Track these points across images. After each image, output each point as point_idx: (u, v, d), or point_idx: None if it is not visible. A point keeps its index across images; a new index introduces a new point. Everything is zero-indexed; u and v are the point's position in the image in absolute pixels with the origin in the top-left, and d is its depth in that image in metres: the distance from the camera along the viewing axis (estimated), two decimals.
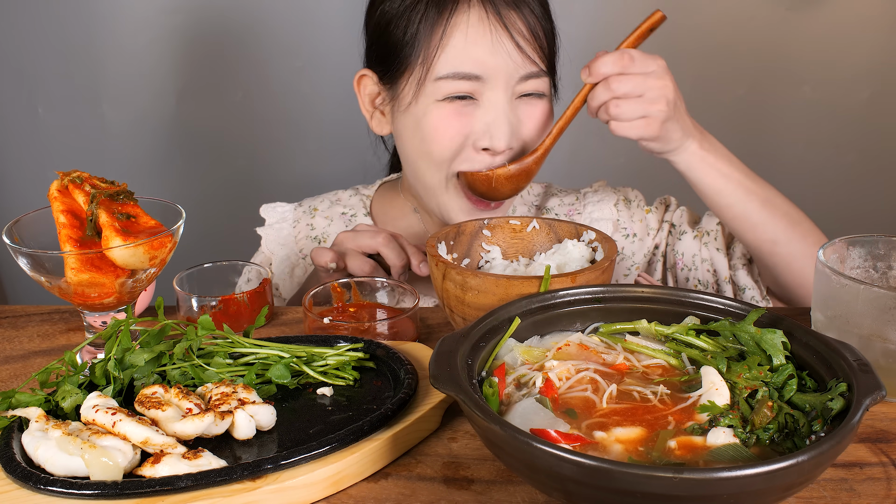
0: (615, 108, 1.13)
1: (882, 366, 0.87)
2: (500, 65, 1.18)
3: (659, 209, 1.44)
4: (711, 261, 1.35)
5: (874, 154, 2.30)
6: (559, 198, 1.47)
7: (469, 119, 1.20)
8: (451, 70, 1.18)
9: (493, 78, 1.18)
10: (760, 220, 1.21)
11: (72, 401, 0.83)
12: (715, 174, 1.20)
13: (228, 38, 2.18)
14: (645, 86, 1.13)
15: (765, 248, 1.24)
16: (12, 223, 0.95)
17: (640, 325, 0.88)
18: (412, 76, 1.21)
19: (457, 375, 0.73)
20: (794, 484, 0.63)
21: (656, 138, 1.15)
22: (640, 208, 1.44)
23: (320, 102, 2.24)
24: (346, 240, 1.21)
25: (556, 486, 0.65)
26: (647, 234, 1.42)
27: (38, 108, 2.24)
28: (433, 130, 1.21)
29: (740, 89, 2.24)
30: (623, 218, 1.42)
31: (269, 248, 1.47)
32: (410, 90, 1.22)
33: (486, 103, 1.19)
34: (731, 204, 1.21)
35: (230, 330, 0.92)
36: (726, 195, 1.20)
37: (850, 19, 2.17)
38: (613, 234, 1.42)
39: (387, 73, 1.26)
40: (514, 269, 1.09)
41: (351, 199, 1.48)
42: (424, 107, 1.21)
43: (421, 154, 1.25)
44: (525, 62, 1.19)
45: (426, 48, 1.18)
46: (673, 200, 1.45)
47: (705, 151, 1.19)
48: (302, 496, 0.75)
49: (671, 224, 1.42)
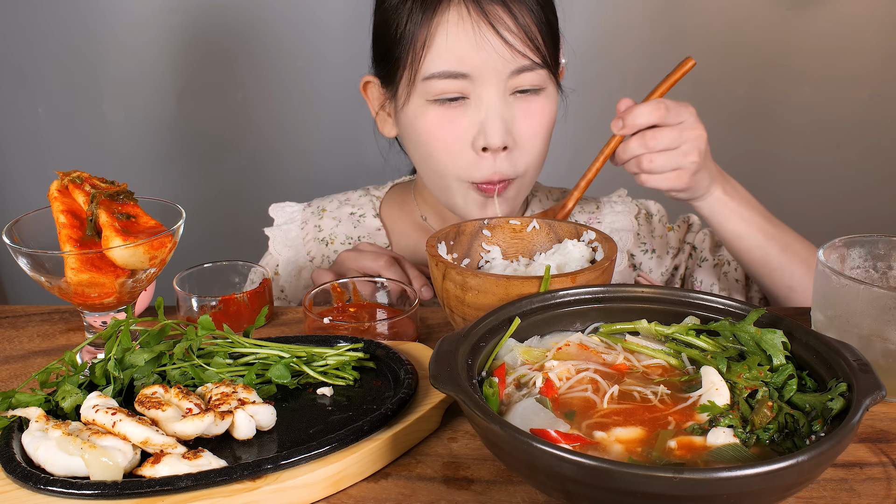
0: (649, 164, 1.12)
1: (882, 366, 0.87)
2: (486, 61, 1.16)
3: (681, 228, 1.43)
4: (729, 291, 1.35)
5: (874, 154, 2.30)
6: (579, 205, 1.45)
7: (462, 121, 1.19)
8: (438, 69, 1.17)
9: (481, 75, 1.17)
10: (779, 266, 1.21)
11: (72, 401, 0.83)
12: (737, 219, 1.19)
13: (229, 38, 2.18)
14: (680, 138, 1.11)
15: (781, 293, 1.23)
16: (12, 223, 0.95)
17: (640, 325, 0.88)
18: (404, 77, 1.21)
19: (457, 375, 0.73)
20: (794, 484, 0.63)
21: (686, 189, 1.15)
22: (662, 224, 1.43)
23: (321, 102, 2.24)
24: (348, 260, 1.21)
25: (556, 486, 0.65)
26: (667, 252, 1.41)
27: (38, 108, 2.23)
28: (426, 134, 1.21)
29: (740, 89, 2.24)
30: (643, 232, 1.41)
31: (276, 249, 1.45)
32: (404, 91, 1.22)
33: (476, 101, 1.18)
34: (751, 248, 1.21)
35: (230, 330, 0.92)
36: (747, 239, 1.20)
37: (850, 19, 2.17)
38: (633, 248, 1.41)
39: (385, 75, 1.26)
40: (514, 269, 1.09)
41: (360, 199, 1.47)
42: (416, 108, 1.21)
43: (423, 157, 1.25)
44: (514, 56, 1.17)
45: (414, 48, 1.18)
46: (695, 220, 1.44)
47: (728, 197, 1.19)
48: (302, 496, 0.75)
49: (692, 247, 1.41)
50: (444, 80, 1.17)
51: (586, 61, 2.15)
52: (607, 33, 2.17)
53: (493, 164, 1.20)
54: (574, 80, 2.06)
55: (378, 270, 1.18)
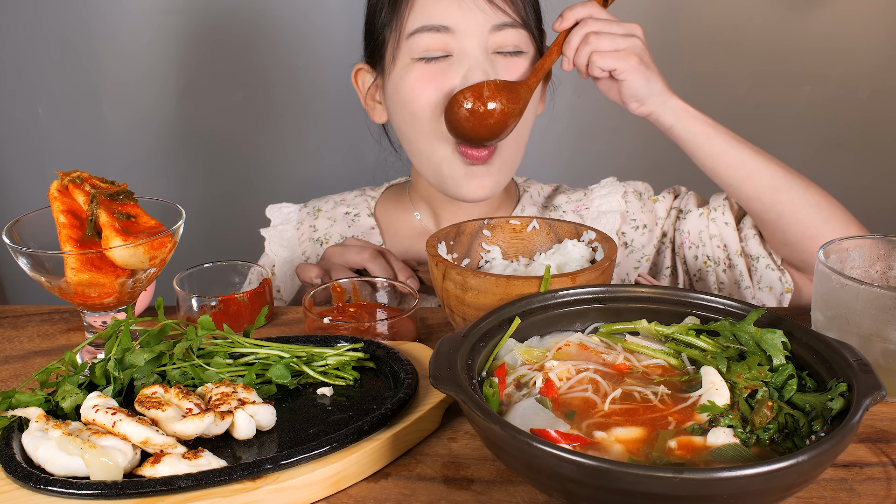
0: (595, 38, 1.17)
1: (882, 366, 0.87)
2: (468, 14, 1.21)
3: (667, 198, 1.42)
4: (720, 236, 1.32)
5: (874, 154, 2.30)
6: (567, 195, 1.46)
7: (446, 77, 1.22)
8: (421, 23, 1.21)
9: (464, 28, 1.21)
10: (756, 167, 1.20)
11: (72, 401, 0.83)
12: (702, 124, 1.20)
13: (229, 38, 2.18)
14: (617, 24, 1.18)
15: (766, 197, 1.20)
16: (12, 223, 0.95)
17: (640, 325, 0.88)
18: (390, 41, 1.25)
19: (457, 375, 0.73)
20: (794, 484, 0.63)
21: (637, 70, 1.17)
22: (650, 199, 1.43)
23: (322, 102, 2.24)
24: (333, 255, 1.22)
25: (556, 486, 0.65)
26: (656, 223, 1.41)
27: (38, 108, 2.23)
28: (410, 91, 1.24)
29: (740, 89, 2.24)
30: (633, 209, 1.41)
31: (272, 250, 1.47)
32: (390, 56, 1.25)
33: (459, 55, 1.22)
34: (723, 150, 1.20)
35: (230, 330, 0.92)
36: (717, 142, 1.20)
37: (850, 19, 2.17)
38: (622, 226, 1.40)
39: (372, 54, 1.30)
40: (514, 269, 1.09)
41: (356, 200, 1.48)
42: (401, 68, 1.24)
43: (407, 121, 1.27)
44: (494, 11, 1.22)
45: (398, 14, 1.23)
46: (682, 189, 1.43)
47: (688, 105, 1.21)
48: (302, 496, 0.75)
49: (679, 210, 1.40)
50: (428, 34, 1.21)
51: None
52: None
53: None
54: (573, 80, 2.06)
55: (362, 263, 1.19)
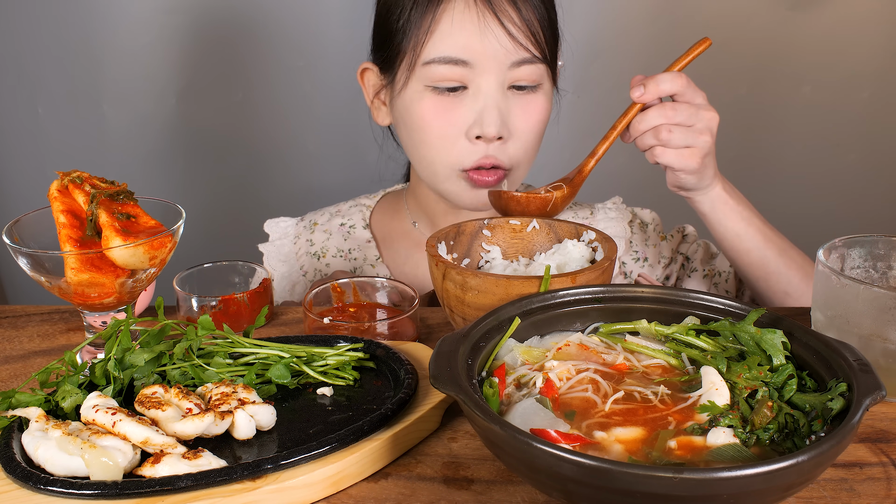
0: (667, 134, 1.10)
1: (882, 366, 0.87)
2: (488, 50, 1.18)
3: (675, 238, 1.42)
4: None
5: (874, 154, 2.30)
6: (573, 210, 1.45)
7: (459, 111, 1.20)
8: (439, 54, 1.19)
9: (482, 64, 1.18)
10: (776, 270, 1.20)
11: (72, 401, 0.83)
12: (737, 217, 1.19)
13: (230, 38, 2.18)
14: (696, 116, 1.10)
15: (776, 298, 1.22)
16: (12, 223, 0.95)
17: (640, 325, 0.88)
18: (404, 62, 1.22)
19: (457, 375, 0.73)
20: (794, 484, 0.63)
21: (695, 171, 1.13)
22: (656, 233, 1.42)
23: (322, 102, 2.24)
24: None
25: (556, 486, 0.65)
26: (659, 261, 1.41)
27: (38, 108, 2.23)
28: (421, 120, 1.22)
29: (740, 89, 2.24)
30: (636, 240, 1.41)
31: (270, 265, 1.48)
32: (402, 76, 1.23)
33: (475, 91, 1.20)
34: (749, 249, 1.20)
35: (230, 330, 0.92)
36: (746, 240, 1.19)
37: (850, 19, 2.17)
38: (624, 255, 1.40)
39: (384, 61, 1.28)
40: (514, 269, 1.09)
41: (350, 210, 1.48)
42: (414, 93, 1.22)
43: (415, 142, 1.26)
44: (516, 48, 1.19)
45: (416, 34, 1.20)
46: (691, 231, 1.42)
47: (728, 195, 1.18)
48: (302, 496, 0.75)
49: (685, 257, 1.40)
50: (445, 66, 1.19)
51: (585, 63, 2.15)
52: (607, 35, 2.17)
53: (485, 149, 1.22)
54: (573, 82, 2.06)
55: None
